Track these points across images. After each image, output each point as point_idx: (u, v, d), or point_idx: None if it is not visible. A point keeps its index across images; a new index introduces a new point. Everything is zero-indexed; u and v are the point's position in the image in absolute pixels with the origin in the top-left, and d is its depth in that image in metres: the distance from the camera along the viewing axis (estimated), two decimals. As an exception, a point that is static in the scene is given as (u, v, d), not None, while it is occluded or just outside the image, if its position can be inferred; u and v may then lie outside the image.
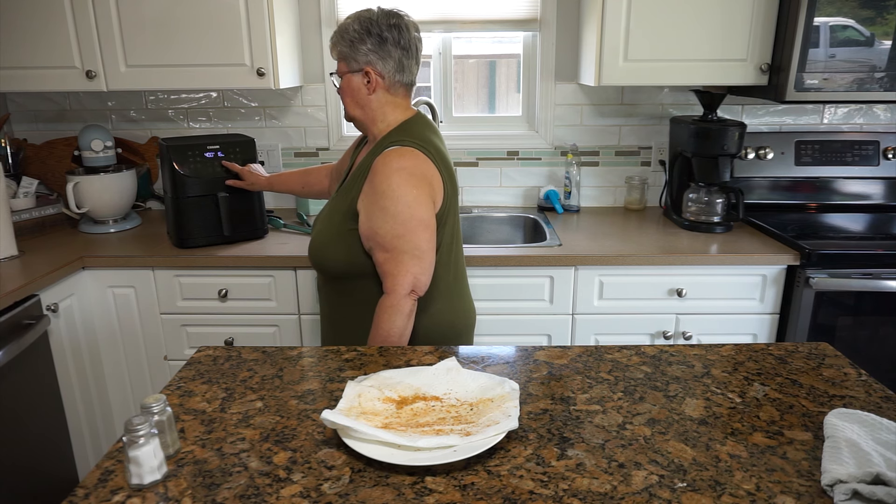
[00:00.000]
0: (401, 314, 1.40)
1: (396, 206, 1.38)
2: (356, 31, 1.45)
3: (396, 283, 1.40)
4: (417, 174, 1.41)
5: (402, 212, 1.38)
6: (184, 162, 2.03)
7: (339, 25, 1.49)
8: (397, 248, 1.39)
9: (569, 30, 2.43)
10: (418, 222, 1.40)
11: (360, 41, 1.45)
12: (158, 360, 2.12)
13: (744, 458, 0.94)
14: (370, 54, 1.45)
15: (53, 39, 2.11)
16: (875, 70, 2.01)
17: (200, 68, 2.14)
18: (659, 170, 2.56)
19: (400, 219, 1.38)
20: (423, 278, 1.42)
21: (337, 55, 1.49)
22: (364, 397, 1.06)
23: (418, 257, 1.40)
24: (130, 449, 0.87)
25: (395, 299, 1.40)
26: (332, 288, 1.55)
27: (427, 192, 1.42)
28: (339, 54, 1.48)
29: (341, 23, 1.49)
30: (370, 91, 1.48)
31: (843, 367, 1.23)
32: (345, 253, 1.46)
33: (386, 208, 1.39)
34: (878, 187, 2.43)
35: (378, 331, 1.41)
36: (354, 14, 1.48)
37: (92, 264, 2.01)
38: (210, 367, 1.25)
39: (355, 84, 1.48)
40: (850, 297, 1.97)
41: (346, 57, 1.47)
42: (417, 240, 1.40)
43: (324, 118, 2.53)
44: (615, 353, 1.29)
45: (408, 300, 1.40)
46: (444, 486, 0.89)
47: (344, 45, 1.47)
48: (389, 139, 1.46)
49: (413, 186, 1.39)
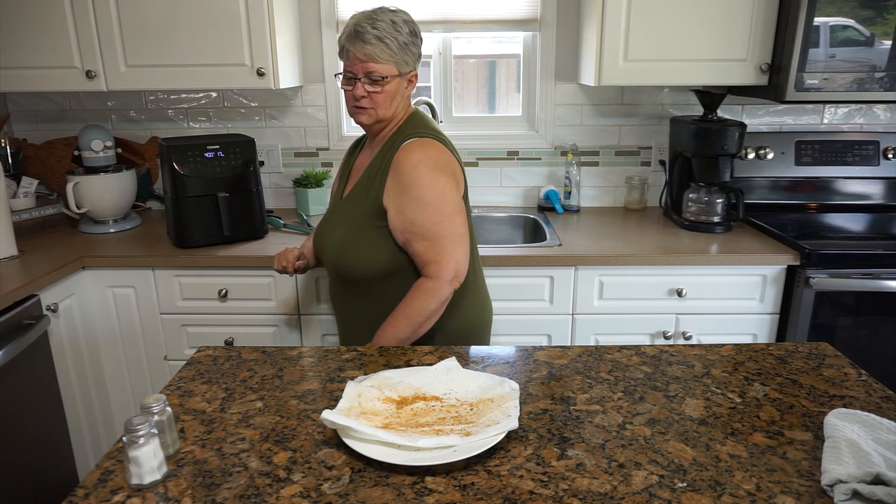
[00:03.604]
0: (437, 298, 1.40)
1: (431, 194, 1.39)
2: (408, 35, 1.42)
3: (441, 268, 1.40)
4: (442, 163, 1.43)
5: (437, 198, 1.40)
6: (184, 162, 2.03)
7: (375, 26, 1.40)
8: (438, 234, 1.40)
9: (569, 30, 2.43)
10: (453, 207, 1.42)
11: (412, 44, 1.44)
12: (158, 360, 2.12)
13: (744, 458, 0.94)
14: (417, 58, 1.46)
15: (53, 39, 2.11)
16: (875, 70, 2.00)
17: (200, 68, 2.14)
18: (659, 170, 2.56)
19: (436, 205, 1.39)
20: (463, 264, 1.43)
21: (385, 57, 1.40)
22: (364, 397, 1.06)
23: (458, 242, 1.42)
24: (130, 449, 0.87)
25: (438, 283, 1.40)
26: (354, 292, 1.52)
27: (453, 179, 1.45)
28: (387, 56, 1.40)
29: (378, 23, 1.40)
30: (408, 93, 1.48)
31: (844, 367, 1.23)
32: (374, 252, 1.45)
33: (421, 197, 1.39)
34: (878, 187, 2.43)
35: (408, 308, 1.40)
36: (388, 14, 1.42)
37: (92, 264, 2.01)
38: (210, 367, 1.25)
39: (399, 87, 1.45)
40: (850, 297, 1.97)
41: (395, 60, 1.42)
42: (455, 224, 1.42)
43: (324, 118, 2.53)
44: (615, 353, 1.29)
45: (448, 286, 1.41)
46: (444, 486, 0.89)
47: (395, 47, 1.41)
48: (404, 133, 1.46)
49: (442, 174, 1.42)
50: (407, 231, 1.41)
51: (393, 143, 1.47)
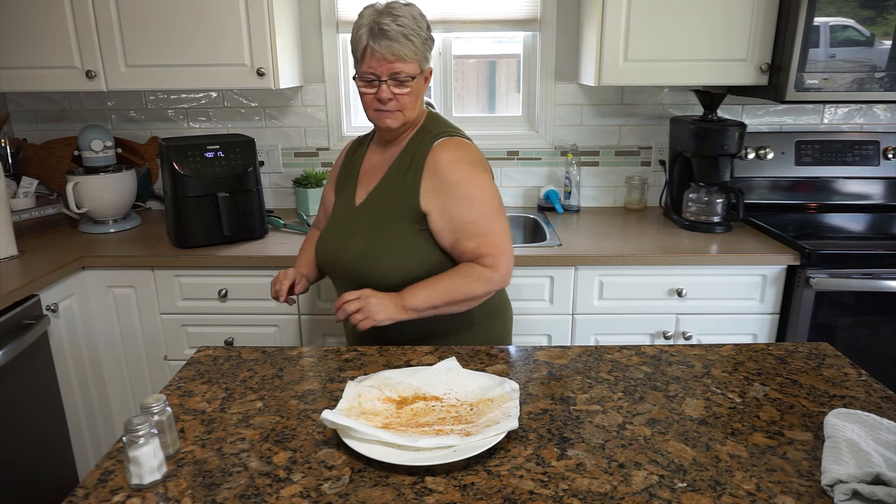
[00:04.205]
0: (486, 287, 1.36)
1: (479, 191, 1.37)
2: (426, 29, 1.37)
3: (498, 260, 1.36)
4: (479, 161, 1.42)
5: (486, 195, 1.37)
6: (184, 162, 2.03)
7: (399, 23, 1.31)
8: (490, 230, 1.36)
9: (569, 30, 2.43)
10: (499, 204, 1.40)
11: (430, 39, 1.38)
12: (158, 360, 2.12)
13: (744, 458, 0.94)
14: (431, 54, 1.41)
15: (53, 39, 2.11)
16: (875, 70, 2.00)
17: (201, 68, 2.14)
18: (659, 170, 2.56)
19: (487, 201, 1.37)
20: (512, 261, 1.40)
21: (412, 55, 1.33)
22: (364, 397, 1.07)
23: (508, 239, 1.39)
24: (130, 449, 0.87)
25: (493, 274, 1.35)
26: None
27: (491, 176, 1.44)
28: (413, 54, 1.33)
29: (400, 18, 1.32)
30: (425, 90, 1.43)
31: (844, 367, 1.23)
32: (416, 256, 1.38)
33: (469, 195, 1.36)
34: (878, 187, 2.43)
35: (454, 281, 1.35)
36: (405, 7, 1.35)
37: (92, 264, 2.01)
38: (210, 367, 1.25)
39: (422, 85, 1.39)
40: (850, 297, 1.97)
41: (419, 57, 1.35)
42: (503, 221, 1.40)
43: (324, 118, 2.53)
44: (615, 353, 1.29)
45: (500, 281, 1.37)
46: (444, 486, 0.89)
47: (419, 44, 1.34)
48: (430, 132, 1.42)
49: (483, 171, 1.40)
50: (457, 230, 1.36)
51: (419, 143, 1.41)
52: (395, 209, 1.40)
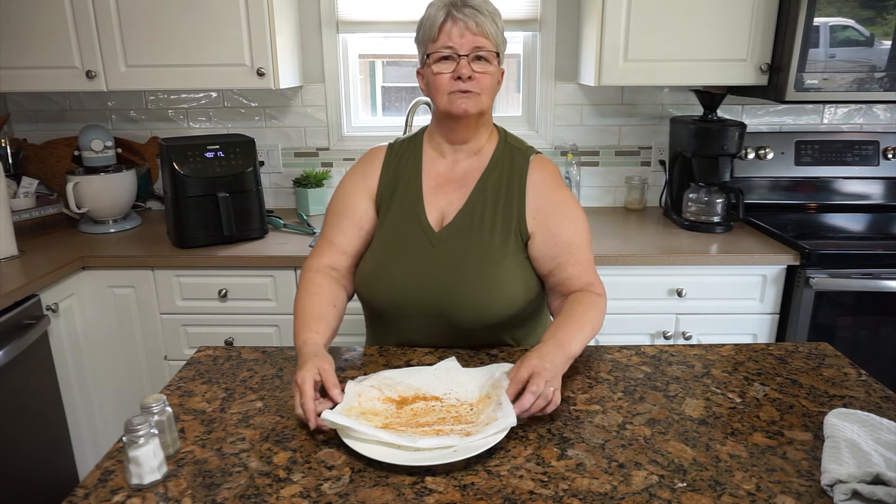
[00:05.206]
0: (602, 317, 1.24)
1: (581, 214, 1.29)
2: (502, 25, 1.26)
3: (601, 286, 1.27)
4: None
5: (584, 218, 1.30)
6: (184, 162, 2.03)
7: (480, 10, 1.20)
8: (588, 255, 1.28)
9: (569, 30, 2.43)
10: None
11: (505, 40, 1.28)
12: (158, 360, 2.12)
13: (744, 458, 0.94)
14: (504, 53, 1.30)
15: (53, 39, 2.11)
16: (875, 70, 2.01)
17: (200, 68, 2.14)
18: (659, 170, 2.56)
19: (586, 223, 1.30)
20: None
21: (493, 34, 1.21)
22: (364, 397, 1.07)
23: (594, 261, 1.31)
24: (130, 449, 0.87)
25: (603, 302, 1.25)
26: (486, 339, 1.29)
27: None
28: (495, 35, 1.21)
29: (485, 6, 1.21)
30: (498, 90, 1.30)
31: (843, 367, 1.23)
32: (524, 287, 1.26)
33: (575, 218, 1.28)
34: (878, 187, 2.43)
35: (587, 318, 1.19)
36: None
37: (92, 264, 2.01)
38: (210, 367, 1.25)
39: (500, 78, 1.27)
40: (850, 297, 1.97)
41: (499, 43, 1.23)
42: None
43: (324, 118, 2.53)
44: (615, 353, 1.29)
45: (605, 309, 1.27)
46: (444, 486, 0.89)
47: (500, 29, 1.24)
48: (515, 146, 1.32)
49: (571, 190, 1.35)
50: (559, 255, 1.24)
51: (509, 156, 1.29)
52: (499, 234, 1.25)
